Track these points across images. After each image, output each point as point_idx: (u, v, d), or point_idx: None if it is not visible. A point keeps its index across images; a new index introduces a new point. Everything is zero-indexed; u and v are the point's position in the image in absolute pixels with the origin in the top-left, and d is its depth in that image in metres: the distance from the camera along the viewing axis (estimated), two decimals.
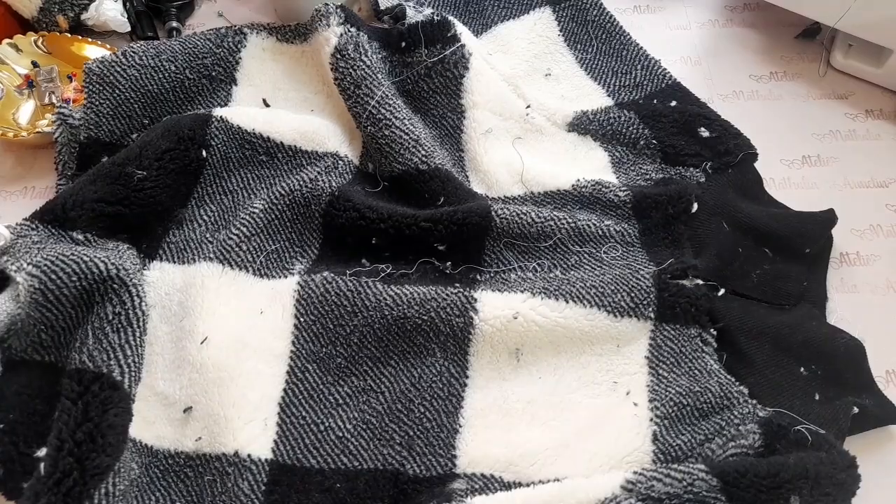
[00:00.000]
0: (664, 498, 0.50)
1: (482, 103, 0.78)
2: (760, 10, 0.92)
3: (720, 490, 0.50)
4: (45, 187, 0.77)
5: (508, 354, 0.63)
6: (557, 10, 0.88)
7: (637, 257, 0.69)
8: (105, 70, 0.74)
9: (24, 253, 0.61)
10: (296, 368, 0.62)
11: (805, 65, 0.87)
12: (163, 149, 0.68)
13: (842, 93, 0.85)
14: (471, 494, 0.55)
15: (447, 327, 0.63)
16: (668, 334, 0.64)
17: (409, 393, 0.61)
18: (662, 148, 0.77)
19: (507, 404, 0.62)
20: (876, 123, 0.82)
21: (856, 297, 0.70)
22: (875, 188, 0.77)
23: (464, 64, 0.78)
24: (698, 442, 0.58)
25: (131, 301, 0.59)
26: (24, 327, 0.59)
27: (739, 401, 0.60)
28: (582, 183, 0.73)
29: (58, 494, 0.50)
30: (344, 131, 0.78)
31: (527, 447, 0.59)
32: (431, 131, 0.78)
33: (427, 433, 0.59)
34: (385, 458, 0.58)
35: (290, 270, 0.68)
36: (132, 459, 0.57)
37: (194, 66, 0.78)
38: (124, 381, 0.56)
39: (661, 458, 0.58)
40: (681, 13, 0.93)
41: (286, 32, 0.84)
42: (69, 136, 0.74)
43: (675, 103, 0.80)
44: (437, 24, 0.79)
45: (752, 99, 0.85)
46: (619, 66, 0.85)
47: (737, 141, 0.77)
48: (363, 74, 0.75)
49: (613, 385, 0.62)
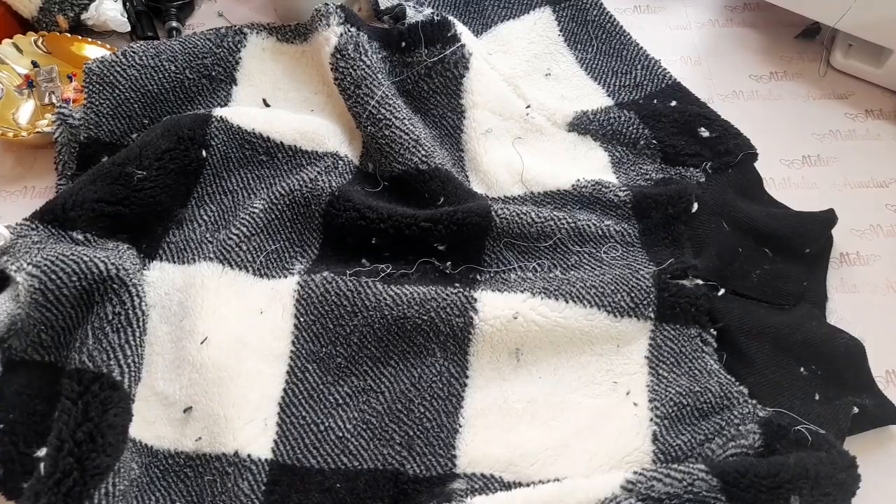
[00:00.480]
0: (664, 498, 0.50)
1: (482, 103, 0.78)
2: (760, 9, 0.92)
3: (720, 490, 0.50)
4: (45, 187, 0.77)
5: (508, 354, 0.63)
6: (557, 9, 0.88)
7: (637, 257, 0.69)
8: (105, 70, 0.74)
9: (24, 253, 0.61)
10: (296, 368, 0.62)
11: (805, 65, 0.87)
12: (163, 149, 0.68)
13: (842, 93, 0.85)
14: (471, 494, 0.55)
15: (447, 327, 0.63)
16: (668, 334, 0.64)
17: (409, 393, 0.61)
18: (662, 148, 0.77)
19: (507, 404, 0.62)
20: (876, 123, 0.82)
21: (856, 297, 0.70)
22: (875, 188, 0.77)
23: (464, 64, 0.78)
24: (698, 442, 0.58)
25: (131, 301, 0.59)
26: (24, 327, 0.59)
27: (739, 401, 0.60)
28: (582, 183, 0.73)
29: (58, 494, 0.50)
30: (344, 131, 0.78)
31: (527, 447, 0.59)
32: (431, 131, 0.78)
33: (427, 433, 0.59)
34: (385, 458, 0.58)
35: (290, 270, 0.68)
36: (132, 459, 0.57)
37: (194, 65, 0.78)
38: (124, 381, 0.56)
39: (661, 458, 0.58)
40: (681, 13, 0.93)
41: (286, 32, 0.84)
42: (69, 136, 0.74)
43: (675, 103, 0.80)
44: (437, 23, 0.79)
45: (752, 99, 0.85)
46: (619, 65, 0.85)
47: (737, 141, 0.77)
48: (363, 74, 0.75)
49: (613, 385, 0.62)
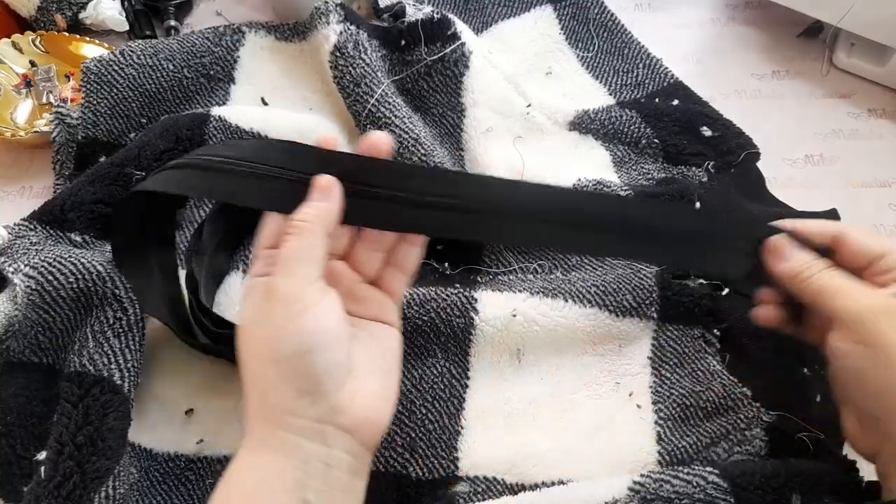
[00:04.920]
0: (673, 497, 0.49)
1: (482, 102, 0.77)
2: (762, 8, 0.91)
3: (729, 491, 0.50)
4: (43, 187, 0.76)
5: (510, 355, 0.63)
6: (558, 8, 0.88)
7: None
8: (103, 69, 0.74)
9: (21, 254, 0.61)
10: None
11: (807, 64, 0.87)
12: (161, 149, 0.68)
13: (844, 92, 0.84)
14: (473, 498, 0.55)
15: (447, 328, 0.62)
16: (671, 334, 0.63)
17: (411, 394, 0.61)
18: (664, 147, 0.76)
19: (509, 405, 0.61)
20: (879, 122, 0.82)
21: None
22: (878, 188, 0.77)
23: (464, 62, 0.78)
24: (704, 445, 0.58)
25: (132, 305, 0.59)
26: (21, 329, 0.58)
27: (743, 402, 0.59)
28: (583, 182, 0.73)
29: (58, 498, 0.50)
30: (343, 130, 0.78)
31: (529, 449, 0.59)
32: (431, 130, 0.77)
33: (429, 435, 0.59)
34: (387, 461, 0.58)
35: None
36: (131, 464, 0.56)
37: (192, 64, 0.78)
38: (124, 385, 0.55)
39: (666, 460, 0.58)
40: (682, 11, 0.93)
41: (285, 31, 0.84)
42: (67, 136, 0.74)
43: (676, 102, 0.80)
44: (437, 22, 0.79)
45: (755, 98, 0.84)
46: (620, 64, 0.85)
47: (739, 140, 0.76)
48: (363, 72, 0.75)
49: (616, 386, 0.62)
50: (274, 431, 0.37)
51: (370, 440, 0.40)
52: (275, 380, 0.37)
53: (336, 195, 0.40)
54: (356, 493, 0.39)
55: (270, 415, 0.37)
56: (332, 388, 0.37)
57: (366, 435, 0.39)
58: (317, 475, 0.36)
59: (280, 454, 0.36)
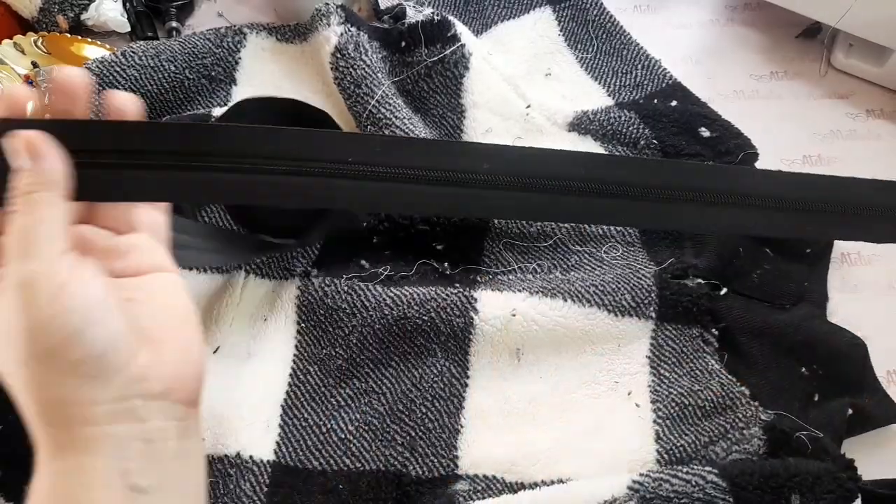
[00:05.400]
0: (672, 496, 0.50)
1: (482, 103, 0.78)
2: (761, 9, 0.92)
3: (727, 491, 0.50)
4: None
5: (509, 354, 0.63)
6: (558, 9, 0.88)
7: (638, 257, 0.69)
8: (105, 70, 0.74)
9: None
10: (298, 371, 0.62)
11: (806, 64, 0.87)
12: None
13: (843, 92, 0.84)
14: (473, 497, 0.55)
15: (447, 327, 0.63)
16: (670, 334, 0.64)
17: (411, 394, 0.61)
18: (663, 147, 0.76)
19: (509, 404, 0.61)
20: (877, 123, 0.82)
21: (857, 298, 0.70)
22: None
23: (464, 63, 0.78)
24: (702, 444, 0.58)
25: None
26: None
27: (742, 402, 0.60)
28: None
29: None
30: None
31: (528, 448, 0.59)
32: (431, 131, 0.77)
33: (429, 434, 0.59)
34: (387, 459, 0.58)
35: (291, 271, 0.68)
36: None
37: (194, 66, 0.78)
38: None
39: (664, 458, 0.58)
40: (681, 13, 0.93)
41: (286, 32, 0.84)
42: None
43: (675, 103, 0.80)
44: (438, 23, 0.79)
45: (753, 98, 0.85)
46: (619, 65, 0.85)
47: (737, 141, 0.76)
48: (363, 74, 0.75)
49: (615, 385, 0.62)
50: (72, 431, 0.33)
51: (189, 395, 0.36)
52: (54, 376, 0.32)
53: (50, 149, 0.33)
54: (192, 455, 0.36)
55: (63, 416, 0.33)
56: (121, 361, 0.33)
57: (182, 392, 0.35)
58: (137, 456, 0.33)
59: (87, 454, 0.33)
